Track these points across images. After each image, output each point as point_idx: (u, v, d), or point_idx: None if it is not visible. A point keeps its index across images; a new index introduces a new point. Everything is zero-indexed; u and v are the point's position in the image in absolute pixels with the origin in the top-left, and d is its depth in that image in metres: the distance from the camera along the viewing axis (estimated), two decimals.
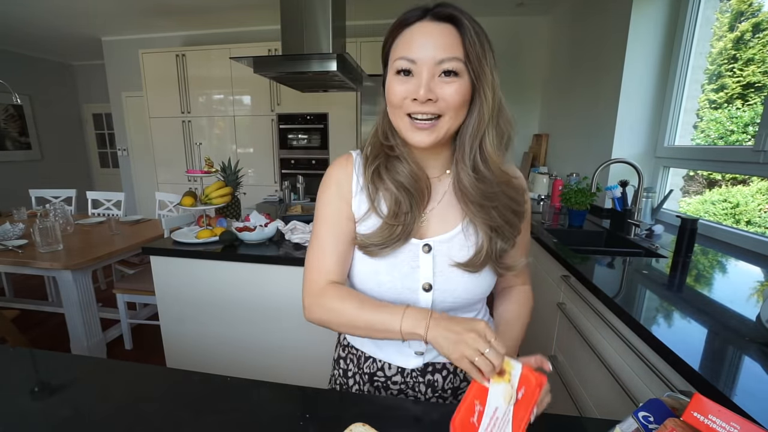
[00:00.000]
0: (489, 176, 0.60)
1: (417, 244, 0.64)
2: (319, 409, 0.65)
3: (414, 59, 0.55)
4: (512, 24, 3.62)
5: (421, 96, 0.54)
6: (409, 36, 0.56)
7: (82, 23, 3.82)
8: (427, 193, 0.65)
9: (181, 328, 1.72)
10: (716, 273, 1.27)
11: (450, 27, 0.55)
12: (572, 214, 1.97)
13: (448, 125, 0.58)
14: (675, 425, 0.40)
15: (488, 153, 0.60)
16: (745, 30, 1.71)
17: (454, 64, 0.54)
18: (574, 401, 1.26)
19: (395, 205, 0.62)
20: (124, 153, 4.78)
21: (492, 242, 0.62)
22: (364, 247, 0.64)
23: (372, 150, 0.65)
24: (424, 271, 0.63)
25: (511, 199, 0.63)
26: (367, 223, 0.65)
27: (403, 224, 0.62)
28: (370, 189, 0.64)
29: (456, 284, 0.64)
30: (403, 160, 0.63)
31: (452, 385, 0.73)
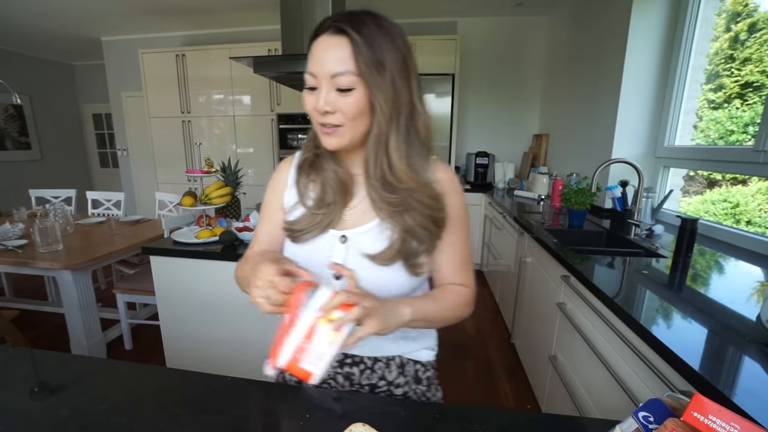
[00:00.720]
0: (395, 183, 0.63)
1: (335, 235, 0.68)
2: (319, 409, 0.65)
3: (314, 73, 0.58)
4: (512, 24, 3.62)
5: (319, 107, 0.58)
6: (313, 50, 0.59)
7: (82, 23, 3.82)
8: (350, 188, 0.69)
9: (181, 328, 1.72)
10: (716, 273, 1.27)
11: (344, 40, 0.56)
12: (572, 214, 1.97)
13: (350, 133, 0.61)
14: (675, 425, 0.40)
15: (393, 161, 0.62)
16: (740, 30, 1.71)
17: (347, 78, 0.57)
18: (574, 401, 1.26)
19: (319, 197, 0.68)
20: (124, 153, 4.78)
21: (405, 241, 0.64)
22: (289, 233, 0.70)
23: (305, 148, 0.72)
24: (336, 260, 0.67)
25: (423, 205, 0.64)
26: (295, 212, 0.71)
27: (324, 214, 0.67)
28: (300, 182, 0.71)
29: (365, 274, 0.65)
30: (327, 159, 0.68)
31: (369, 381, 0.73)
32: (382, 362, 0.74)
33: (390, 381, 0.74)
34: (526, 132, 3.84)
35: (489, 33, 3.67)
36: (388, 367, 0.74)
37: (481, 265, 3.62)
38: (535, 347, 1.81)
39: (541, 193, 2.94)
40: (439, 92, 3.30)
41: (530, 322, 1.93)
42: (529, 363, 1.94)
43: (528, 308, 1.98)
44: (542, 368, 1.68)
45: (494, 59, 3.72)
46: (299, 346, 0.50)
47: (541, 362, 1.69)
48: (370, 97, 0.58)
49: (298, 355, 0.49)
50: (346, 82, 0.56)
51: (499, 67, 3.73)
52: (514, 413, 0.64)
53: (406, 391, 0.75)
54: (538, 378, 1.76)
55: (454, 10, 3.51)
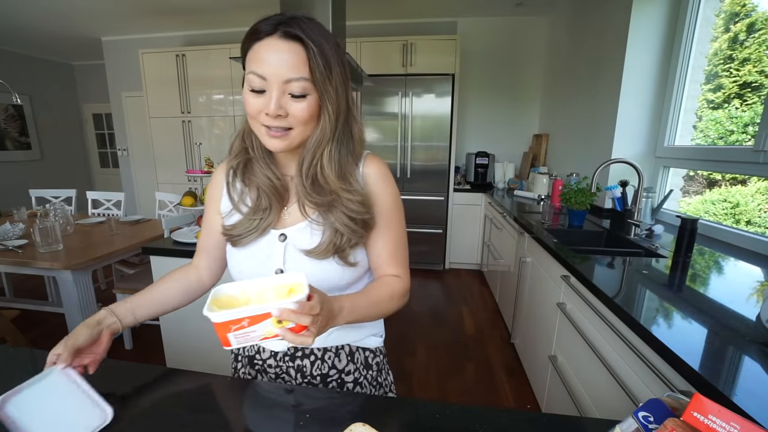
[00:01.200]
0: (324, 185, 0.65)
1: (274, 234, 0.69)
2: (320, 408, 0.65)
3: (264, 76, 0.57)
4: (511, 24, 3.63)
5: (272, 112, 0.58)
6: (258, 51, 0.57)
7: (82, 23, 3.82)
8: (284, 191, 0.70)
9: (181, 328, 1.72)
10: (716, 273, 1.27)
11: (298, 46, 0.57)
12: (572, 214, 1.97)
13: (300, 136, 0.62)
14: (675, 425, 0.40)
15: (325, 164, 0.64)
16: (739, 30, 1.71)
17: (302, 84, 0.57)
18: (574, 401, 1.26)
19: (254, 203, 0.69)
20: (124, 153, 4.78)
21: (335, 237, 0.66)
22: (228, 237, 0.71)
23: (233, 152, 0.70)
24: (276, 258, 0.68)
25: (349, 209, 0.66)
26: (232, 218, 0.71)
27: (261, 219, 0.68)
28: (231, 188, 0.71)
29: (302, 270, 0.67)
30: (258, 163, 0.68)
31: (320, 371, 0.75)
32: (331, 352, 0.76)
33: (340, 369, 0.76)
34: (526, 132, 3.84)
35: (489, 33, 3.67)
36: (337, 356, 0.76)
37: (481, 265, 3.63)
38: (535, 347, 1.81)
39: (541, 193, 2.94)
40: (439, 92, 3.30)
41: (530, 322, 1.93)
42: (529, 363, 1.94)
43: (528, 308, 1.98)
44: (542, 368, 1.68)
45: (494, 59, 3.72)
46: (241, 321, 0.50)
47: (541, 362, 1.69)
48: (319, 103, 0.60)
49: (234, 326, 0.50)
50: (301, 88, 0.57)
51: (499, 67, 3.73)
52: (514, 413, 0.64)
53: (356, 377, 0.78)
54: (538, 378, 1.76)
55: (454, 10, 3.51)
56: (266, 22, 0.58)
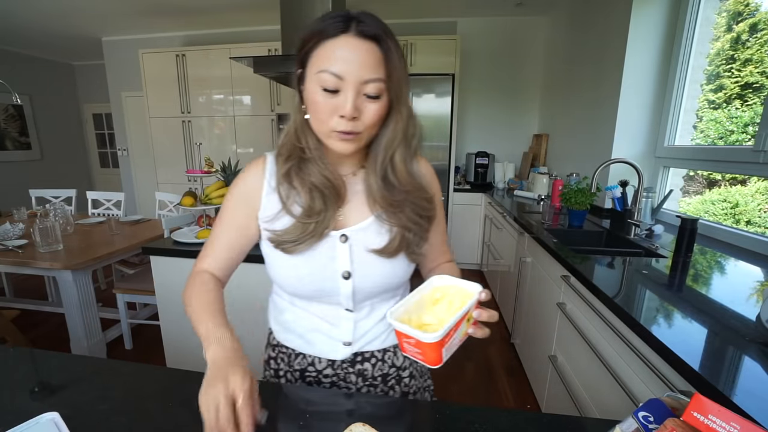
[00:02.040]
0: (396, 185, 0.64)
1: (334, 236, 0.66)
2: (320, 408, 0.65)
3: (341, 75, 0.54)
4: (511, 24, 3.62)
5: (348, 114, 0.55)
6: (332, 49, 0.55)
7: (82, 23, 3.82)
8: (342, 191, 0.66)
9: (181, 328, 1.72)
10: (716, 273, 1.27)
11: (374, 46, 0.55)
12: (572, 214, 1.97)
13: (367, 138, 0.61)
14: (675, 425, 0.40)
15: (397, 163, 0.64)
16: (741, 30, 1.71)
17: (379, 86, 0.56)
18: (574, 401, 1.26)
19: (308, 205, 0.64)
20: (124, 153, 4.78)
21: (405, 233, 0.66)
22: (279, 244, 0.65)
23: (284, 151, 0.66)
24: (341, 260, 0.66)
25: (418, 206, 0.66)
26: (280, 222, 0.66)
27: (316, 222, 0.64)
28: (281, 190, 0.65)
29: (373, 270, 0.66)
30: (315, 162, 0.64)
31: (381, 372, 0.75)
32: (390, 351, 0.76)
33: (398, 367, 0.77)
34: (526, 132, 3.84)
35: (489, 33, 3.67)
36: (395, 355, 0.76)
37: (481, 265, 3.62)
38: (535, 347, 1.81)
39: (541, 193, 2.94)
40: (439, 92, 3.30)
41: (530, 322, 1.93)
42: (529, 363, 1.94)
43: (528, 308, 1.98)
44: (542, 368, 1.68)
45: (494, 59, 3.72)
46: (451, 332, 0.51)
47: (541, 362, 1.69)
48: (389, 104, 0.59)
49: (446, 338, 0.50)
50: (377, 89, 0.56)
51: (498, 67, 3.73)
52: (514, 413, 0.64)
53: (411, 372, 0.79)
54: (538, 378, 1.76)
55: (454, 10, 3.51)
56: (333, 19, 0.55)
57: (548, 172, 3.07)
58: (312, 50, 0.57)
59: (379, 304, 0.73)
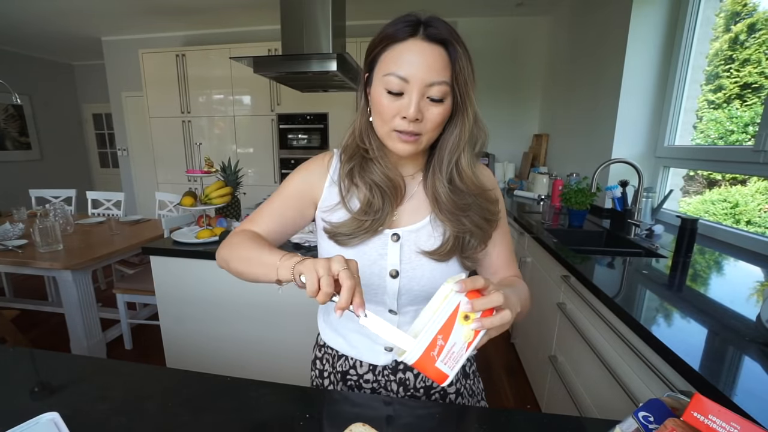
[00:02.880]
0: (463, 188, 0.64)
1: (387, 234, 0.66)
2: (320, 409, 0.65)
3: (406, 78, 0.55)
4: (512, 24, 3.62)
5: (411, 116, 0.56)
6: (399, 53, 0.56)
7: (82, 23, 3.82)
8: (402, 191, 0.67)
9: (181, 328, 1.72)
10: (716, 273, 1.27)
11: (441, 50, 0.56)
12: (572, 214, 1.97)
13: (428, 140, 0.61)
14: (675, 425, 0.40)
15: (463, 167, 0.64)
16: (740, 31, 1.71)
17: (443, 89, 0.56)
18: (574, 401, 1.26)
19: (366, 203, 0.65)
20: (124, 153, 4.78)
21: (460, 237, 0.65)
22: (333, 236, 0.67)
23: (348, 150, 0.68)
24: (391, 258, 0.66)
25: (483, 209, 0.66)
26: (336, 214, 0.68)
27: (373, 219, 0.65)
28: (342, 185, 0.67)
29: (422, 271, 0.66)
30: (378, 163, 0.66)
31: (424, 384, 0.74)
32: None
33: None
34: (526, 132, 3.84)
35: (489, 33, 3.66)
36: None
37: None
38: (535, 347, 1.81)
39: (541, 193, 2.94)
40: None
41: (530, 322, 1.93)
42: (529, 363, 1.94)
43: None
44: (542, 368, 1.68)
45: (494, 59, 3.71)
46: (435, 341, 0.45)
47: (541, 362, 1.69)
48: (452, 107, 0.59)
49: (434, 352, 0.45)
50: (441, 92, 0.56)
51: (499, 67, 3.73)
52: (514, 413, 0.64)
53: (458, 387, 0.77)
54: (538, 378, 1.76)
55: (454, 10, 3.51)
56: (402, 23, 0.56)
57: (548, 172, 3.07)
58: (380, 54, 0.59)
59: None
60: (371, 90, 0.61)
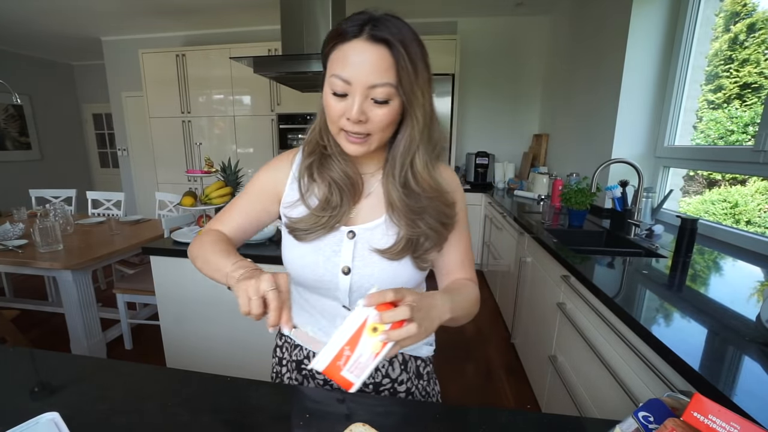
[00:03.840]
0: (418, 191, 0.64)
1: (343, 231, 0.67)
2: (320, 408, 0.65)
3: (348, 80, 0.55)
4: (512, 24, 3.62)
5: (353, 117, 0.56)
6: (343, 53, 0.55)
7: (82, 23, 3.82)
8: (360, 188, 0.68)
9: (181, 328, 1.72)
10: (716, 273, 1.27)
11: (385, 50, 0.54)
12: (572, 214, 1.97)
13: (378, 141, 0.61)
14: (675, 425, 0.40)
15: (418, 169, 0.63)
16: (739, 31, 1.71)
17: (386, 90, 0.55)
18: (574, 401, 1.26)
19: (325, 199, 0.67)
20: (124, 153, 4.78)
21: (413, 237, 0.65)
22: (292, 231, 0.69)
23: (309, 147, 0.69)
24: (344, 255, 0.67)
25: (440, 213, 0.65)
26: (297, 210, 0.70)
27: (330, 215, 0.66)
28: (301, 181, 0.69)
29: (373, 269, 0.66)
30: (336, 159, 0.66)
31: (373, 380, 0.74)
32: (385, 360, 0.74)
33: (394, 378, 0.75)
34: (526, 132, 3.84)
35: (489, 33, 3.66)
36: (391, 365, 0.75)
37: (481, 265, 3.62)
38: (535, 347, 1.81)
39: (541, 193, 2.94)
40: (439, 92, 3.30)
41: (530, 322, 1.93)
42: (529, 363, 1.94)
43: (528, 308, 1.97)
44: (542, 368, 1.68)
45: (494, 59, 3.72)
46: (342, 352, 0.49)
47: (541, 362, 1.69)
48: (402, 108, 0.58)
49: (340, 361, 0.48)
50: (384, 94, 0.55)
51: (499, 67, 3.73)
52: (514, 413, 0.64)
53: (408, 387, 0.77)
54: (538, 378, 1.76)
55: (454, 10, 3.51)
56: (351, 22, 0.56)
57: (548, 172, 3.07)
58: (330, 53, 0.58)
59: None
60: (323, 94, 0.61)
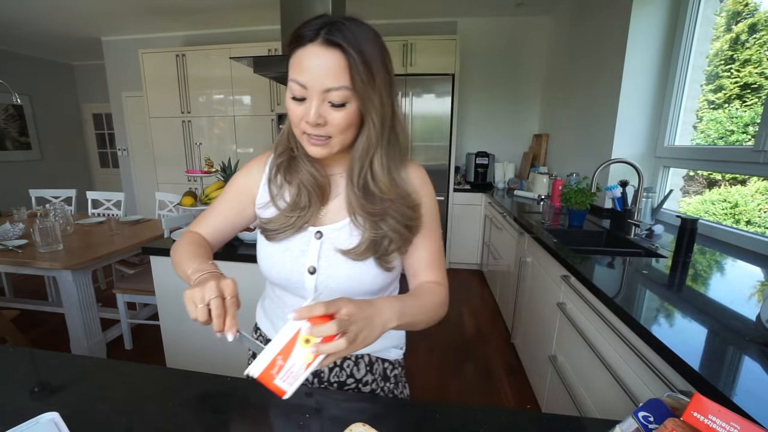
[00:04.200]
0: (378, 194, 0.64)
1: (311, 231, 0.69)
2: (320, 408, 0.65)
3: (304, 84, 0.56)
4: (512, 24, 3.62)
5: (311, 120, 0.57)
6: (299, 58, 0.56)
7: (82, 23, 3.82)
8: (327, 190, 0.69)
9: (181, 328, 1.72)
10: (716, 273, 1.27)
11: (338, 53, 0.55)
12: (572, 214, 1.97)
13: (339, 143, 0.61)
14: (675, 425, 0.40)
15: (376, 172, 0.63)
16: (741, 31, 1.71)
17: (342, 93, 0.56)
18: (574, 401, 1.26)
19: (293, 201, 0.69)
20: (124, 153, 4.78)
21: (377, 239, 0.65)
22: (264, 231, 0.71)
23: (278, 148, 0.70)
24: (310, 255, 0.68)
25: (401, 215, 0.65)
26: (268, 210, 0.71)
27: (298, 216, 0.68)
28: (272, 183, 0.71)
29: (338, 270, 0.67)
30: (303, 161, 0.67)
31: (338, 379, 0.75)
32: (351, 360, 0.75)
33: (358, 379, 0.76)
34: (526, 132, 3.84)
35: (489, 33, 3.67)
36: (356, 366, 0.75)
37: (481, 265, 3.63)
38: (535, 347, 1.81)
39: (541, 193, 2.94)
40: (439, 92, 3.30)
41: (530, 322, 1.93)
42: (529, 363, 1.94)
43: (528, 308, 1.97)
44: (542, 368, 1.68)
45: (494, 59, 3.72)
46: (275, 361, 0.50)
47: (541, 362, 1.69)
48: (360, 110, 0.59)
49: (273, 370, 0.50)
50: (341, 97, 0.56)
51: (499, 67, 3.73)
52: (514, 413, 0.64)
53: (374, 388, 0.77)
54: (538, 378, 1.76)
55: (454, 10, 3.51)
56: (309, 26, 0.56)
57: (548, 172, 3.07)
58: (290, 57, 0.59)
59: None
60: (286, 96, 0.62)
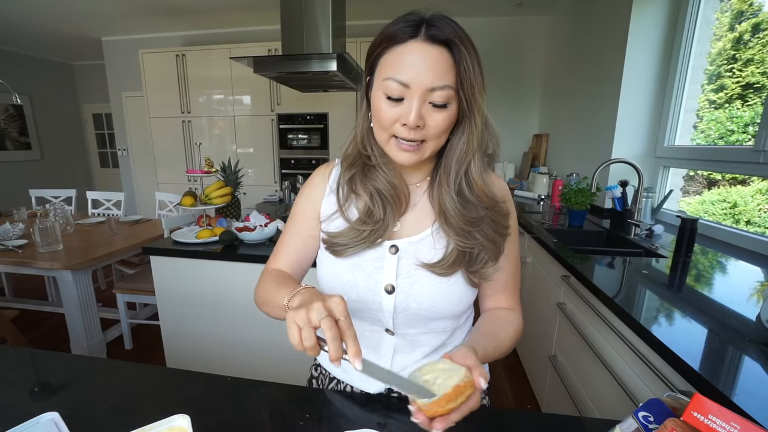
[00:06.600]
0: (474, 200, 0.60)
1: (385, 246, 0.62)
2: (319, 409, 0.65)
3: (407, 83, 0.52)
4: (512, 24, 3.62)
5: (411, 123, 0.53)
6: (399, 55, 0.52)
7: (82, 23, 3.82)
8: (406, 200, 0.64)
9: (181, 328, 1.72)
10: (716, 273, 1.27)
11: (445, 52, 0.52)
12: (572, 214, 1.97)
13: (432, 148, 0.57)
14: (675, 425, 0.40)
15: (473, 177, 0.59)
16: (744, 30, 1.71)
17: (445, 93, 0.52)
18: (574, 401, 1.26)
19: (366, 212, 0.62)
20: (124, 153, 4.78)
21: (466, 250, 0.60)
22: (329, 246, 0.64)
23: (349, 158, 0.64)
24: (387, 272, 0.61)
25: (495, 223, 0.61)
26: (335, 223, 0.65)
27: (372, 229, 0.61)
28: (340, 193, 0.64)
29: (420, 287, 0.61)
30: (381, 170, 0.62)
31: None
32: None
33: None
34: (526, 132, 3.84)
35: (489, 33, 3.66)
36: None
37: None
38: (535, 347, 1.81)
39: (541, 193, 2.94)
40: None
41: (530, 321, 1.93)
42: (529, 363, 1.94)
43: (528, 308, 1.97)
44: (542, 368, 1.68)
45: (494, 59, 3.71)
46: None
47: (541, 362, 1.69)
48: (458, 112, 0.55)
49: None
50: (444, 97, 0.52)
51: (499, 67, 3.73)
52: (514, 413, 0.63)
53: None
54: (538, 378, 1.76)
55: (454, 10, 3.50)
56: (403, 23, 0.52)
57: (548, 172, 3.07)
58: (380, 56, 0.55)
59: (424, 337, 0.65)
60: (372, 94, 0.57)
